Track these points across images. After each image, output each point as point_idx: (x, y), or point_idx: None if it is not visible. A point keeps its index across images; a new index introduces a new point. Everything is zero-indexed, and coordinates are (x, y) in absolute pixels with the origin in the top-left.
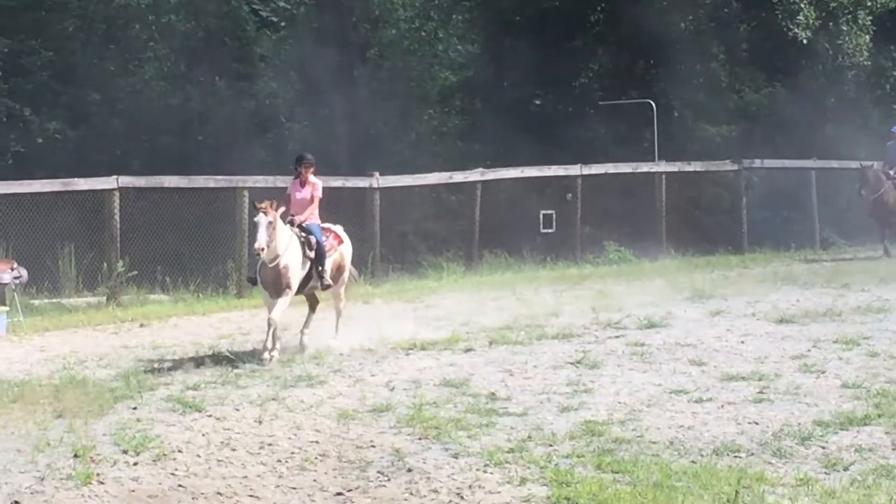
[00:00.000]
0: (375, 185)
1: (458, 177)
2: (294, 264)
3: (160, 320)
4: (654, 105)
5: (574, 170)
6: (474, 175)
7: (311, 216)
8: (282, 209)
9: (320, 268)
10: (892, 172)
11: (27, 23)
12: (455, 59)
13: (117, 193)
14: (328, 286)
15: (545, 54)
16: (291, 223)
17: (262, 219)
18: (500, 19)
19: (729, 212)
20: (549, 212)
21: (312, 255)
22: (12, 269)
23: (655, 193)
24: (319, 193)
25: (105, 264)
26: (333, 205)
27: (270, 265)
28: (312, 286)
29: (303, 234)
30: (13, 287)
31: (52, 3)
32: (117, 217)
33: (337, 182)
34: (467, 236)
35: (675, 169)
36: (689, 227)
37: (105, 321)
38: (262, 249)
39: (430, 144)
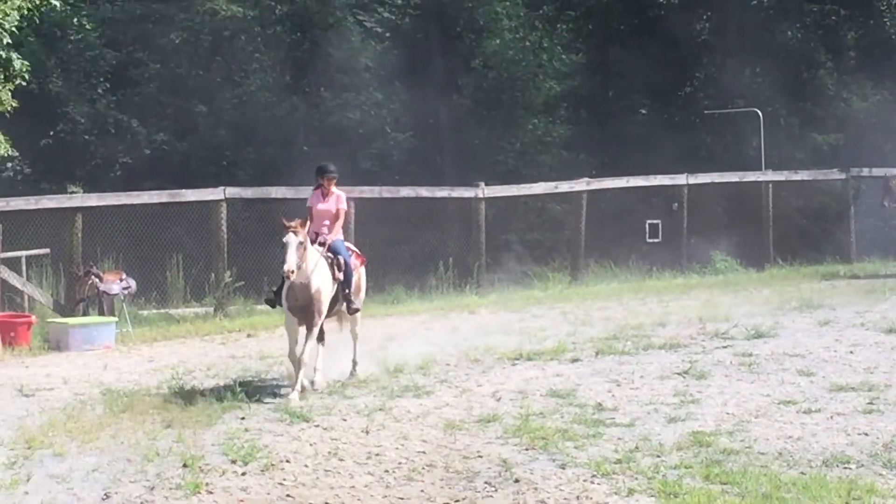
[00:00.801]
0: (481, 195)
1: (564, 186)
2: (326, 287)
3: (267, 330)
4: (760, 114)
5: (680, 179)
6: (580, 185)
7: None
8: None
9: (347, 290)
10: None
11: (134, 35)
12: (559, 68)
13: (224, 204)
14: (356, 310)
15: (650, 63)
16: (319, 243)
17: (291, 239)
18: (604, 28)
19: (837, 221)
20: (655, 221)
21: (341, 276)
22: (121, 280)
23: (762, 202)
24: (344, 206)
25: (212, 275)
26: (439, 214)
27: (300, 289)
28: (336, 311)
29: (329, 255)
30: (122, 298)
31: (159, 16)
32: (224, 228)
33: (442, 192)
34: (573, 246)
35: (782, 178)
36: (796, 237)
37: (212, 331)
38: (292, 272)
39: (535, 154)
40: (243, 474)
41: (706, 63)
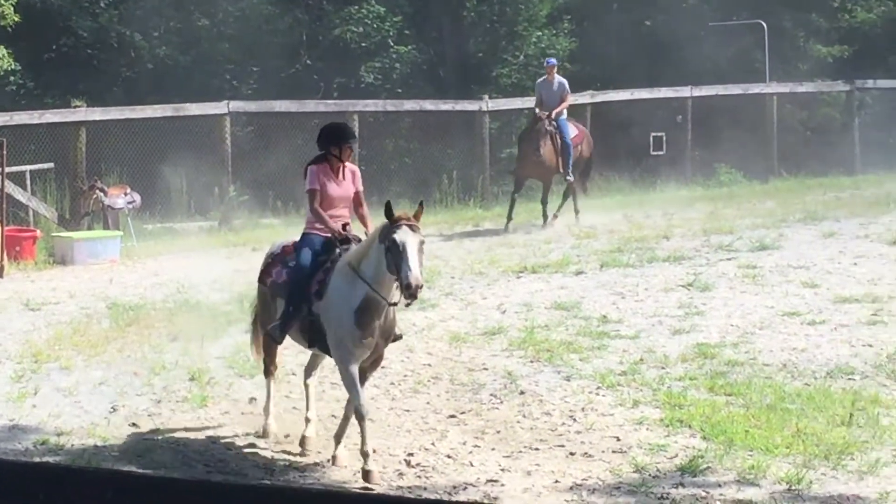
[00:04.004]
0: (485, 109)
1: (569, 99)
2: None
3: (272, 244)
4: (765, 25)
5: (684, 91)
6: (584, 97)
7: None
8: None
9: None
10: None
11: None
12: None
13: (228, 118)
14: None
15: None
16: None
17: (410, 238)
18: None
19: (841, 133)
20: (660, 134)
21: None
22: (126, 194)
23: (766, 115)
24: (361, 185)
25: (216, 189)
26: (443, 128)
27: (384, 311)
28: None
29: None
30: (126, 212)
31: None
32: (228, 142)
33: (446, 106)
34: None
35: (787, 90)
36: (800, 149)
37: (217, 245)
38: (420, 288)
39: (539, 67)
40: (249, 387)
41: None
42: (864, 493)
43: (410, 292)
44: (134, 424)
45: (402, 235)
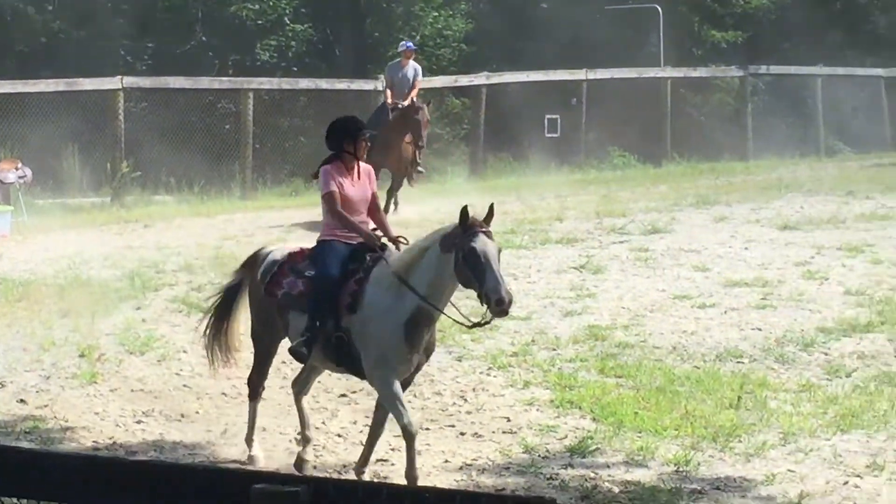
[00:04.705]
0: (380, 88)
1: (464, 80)
2: None
3: (164, 221)
4: (660, 9)
5: (580, 74)
6: (480, 79)
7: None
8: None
9: None
10: None
11: None
12: None
13: (122, 94)
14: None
15: None
16: (390, 242)
17: (491, 247)
18: None
19: (734, 118)
20: (555, 116)
21: None
22: (17, 169)
23: (660, 99)
24: (376, 186)
25: (109, 165)
26: (338, 107)
27: (431, 324)
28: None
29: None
30: (17, 186)
31: None
32: (122, 117)
33: (342, 84)
34: (472, 140)
35: (681, 75)
36: (694, 134)
37: (109, 221)
38: (512, 302)
39: (435, 48)
40: (140, 364)
41: None
42: (751, 475)
43: (502, 308)
44: (22, 401)
45: (482, 244)
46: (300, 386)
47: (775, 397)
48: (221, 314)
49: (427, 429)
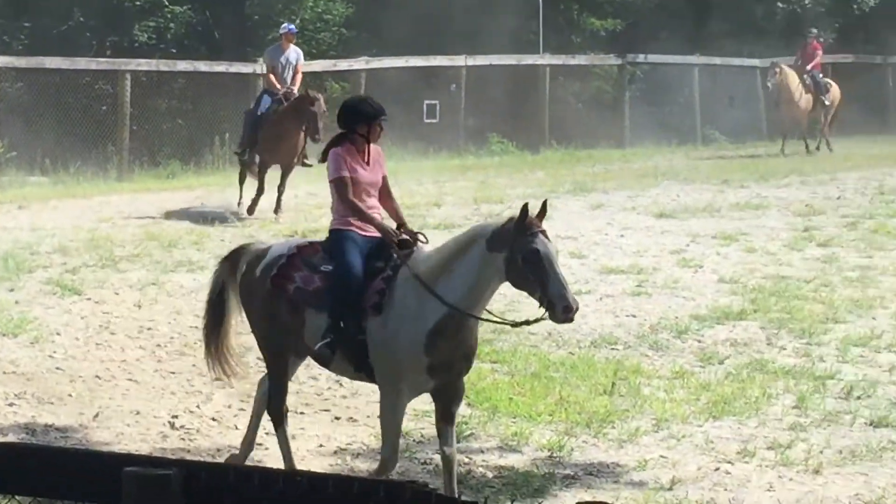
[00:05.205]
0: (259, 72)
1: (343, 65)
2: None
3: (39, 202)
4: None
5: (459, 61)
6: (359, 63)
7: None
8: None
9: None
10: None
11: None
12: None
13: None
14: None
15: None
16: (410, 238)
17: (552, 249)
18: None
19: (612, 106)
20: (433, 102)
21: None
22: None
23: (539, 86)
24: (386, 169)
25: None
26: (217, 90)
27: (469, 330)
28: None
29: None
30: None
31: None
32: None
33: (220, 67)
34: None
35: (560, 62)
36: (572, 121)
37: None
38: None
39: (315, 32)
40: (13, 346)
41: None
42: (624, 460)
43: (569, 316)
44: None
45: (544, 246)
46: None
47: (649, 384)
48: (213, 328)
49: (302, 413)
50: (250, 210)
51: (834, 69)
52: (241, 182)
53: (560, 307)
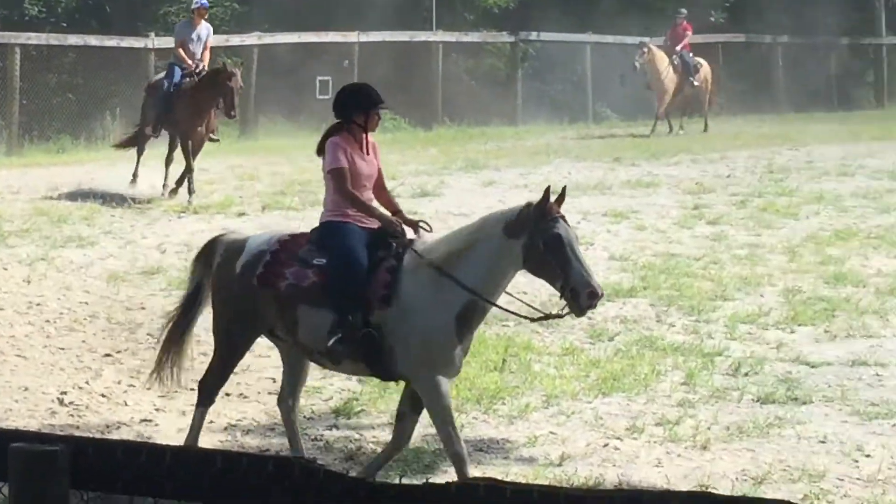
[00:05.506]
0: (150, 46)
1: (235, 40)
2: None
3: None
4: None
5: (352, 37)
6: (251, 38)
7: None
8: None
9: None
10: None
11: None
12: None
13: None
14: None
15: None
16: (411, 228)
17: (573, 234)
18: None
19: (505, 84)
20: (326, 78)
21: None
22: None
23: (432, 63)
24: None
25: None
26: (108, 64)
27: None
28: None
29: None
30: None
31: None
32: None
33: (112, 41)
34: (243, 100)
35: (453, 39)
36: (464, 98)
37: None
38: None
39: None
40: None
41: None
42: (514, 437)
43: (594, 302)
44: None
45: (566, 231)
46: (286, 400)
47: (539, 360)
48: (180, 332)
49: (192, 389)
50: (174, 192)
51: (724, 48)
52: (140, 154)
53: (585, 293)
